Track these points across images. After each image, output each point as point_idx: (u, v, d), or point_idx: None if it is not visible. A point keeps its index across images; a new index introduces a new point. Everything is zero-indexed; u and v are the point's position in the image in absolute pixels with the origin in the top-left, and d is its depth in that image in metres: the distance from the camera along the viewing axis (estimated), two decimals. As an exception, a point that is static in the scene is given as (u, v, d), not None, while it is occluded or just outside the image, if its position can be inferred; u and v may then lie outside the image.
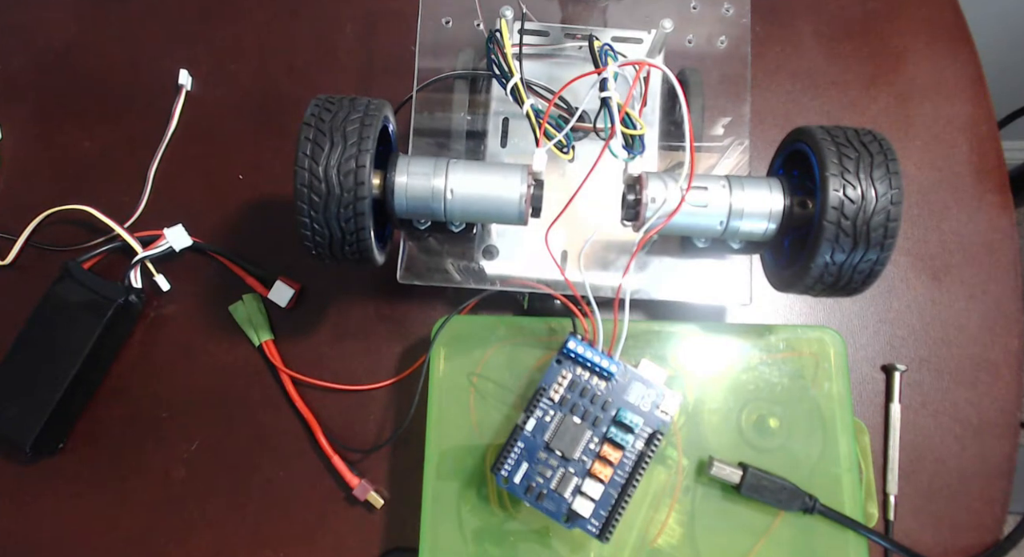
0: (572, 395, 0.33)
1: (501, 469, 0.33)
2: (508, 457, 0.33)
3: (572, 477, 0.33)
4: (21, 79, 0.54)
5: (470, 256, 0.44)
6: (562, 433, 0.33)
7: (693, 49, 0.48)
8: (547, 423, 0.33)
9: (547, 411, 0.33)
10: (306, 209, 0.34)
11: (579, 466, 0.33)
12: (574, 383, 0.33)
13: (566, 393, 0.33)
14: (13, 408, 0.45)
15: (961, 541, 0.46)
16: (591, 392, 0.33)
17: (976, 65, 0.55)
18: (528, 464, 0.33)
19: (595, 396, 0.33)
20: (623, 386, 0.34)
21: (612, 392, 0.34)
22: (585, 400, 0.33)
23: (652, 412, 0.34)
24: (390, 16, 0.55)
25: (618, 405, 0.33)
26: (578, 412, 0.33)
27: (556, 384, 0.33)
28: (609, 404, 0.33)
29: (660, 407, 0.33)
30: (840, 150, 0.34)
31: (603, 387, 0.33)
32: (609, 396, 0.34)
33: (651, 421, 0.34)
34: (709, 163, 0.47)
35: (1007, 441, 0.48)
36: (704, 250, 0.41)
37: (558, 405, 0.33)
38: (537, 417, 0.33)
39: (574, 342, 0.33)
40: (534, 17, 0.45)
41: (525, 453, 0.33)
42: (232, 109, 0.54)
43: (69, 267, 0.47)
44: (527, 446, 0.33)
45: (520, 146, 0.45)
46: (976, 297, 0.50)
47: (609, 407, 0.33)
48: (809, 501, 0.40)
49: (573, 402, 0.33)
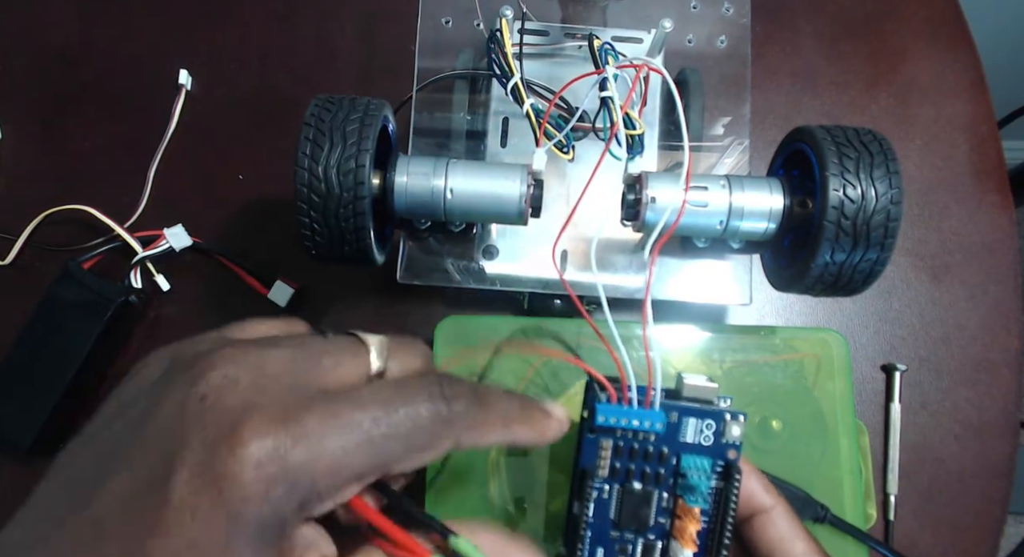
0: (622, 462, 0.28)
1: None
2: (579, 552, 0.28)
3: (655, 542, 0.28)
4: (21, 79, 0.54)
5: (470, 256, 0.44)
6: (627, 507, 0.28)
7: (693, 49, 0.48)
8: (607, 500, 0.28)
9: (602, 489, 0.28)
10: (306, 209, 0.34)
11: (658, 530, 0.28)
12: (618, 449, 0.28)
13: (614, 463, 0.28)
14: (13, 408, 0.45)
15: (961, 541, 0.46)
16: (641, 451, 0.28)
17: (976, 65, 0.55)
18: (603, 548, 0.29)
19: (647, 453, 0.28)
20: (675, 429, 0.28)
21: (665, 441, 0.28)
22: (638, 462, 0.28)
23: (718, 443, 0.28)
24: (390, 16, 0.55)
25: (676, 453, 0.28)
26: (635, 476, 0.28)
27: (599, 459, 0.28)
28: (666, 455, 0.28)
29: (725, 435, 0.28)
30: (840, 150, 0.34)
31: (653, 440, 0.28)
32: (664, 447, 0.28)
33: (719, 453, 0.28)
34: (709, 163, 0.47)
35: (1007, 441, 0.48)
36: (704, 250, 0.41)
37: (611, 479, 0.28)
38: (594, 499, 0.28)
39: (604, 412, 0.27)
40: (534, 17, 0.45)
41: (596, 539, 0.28)
42: (232, 109, 0.54)
43: (69, 267, 0.47)
44: (595, 533, 0.28)
45: (520, 146, 0.45)
46: (976, 297, 0.50)
47: (667, 458, 0.28)
48: (821, 510, 0.40)
49: (625, 468, 0.28)
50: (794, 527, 0.27)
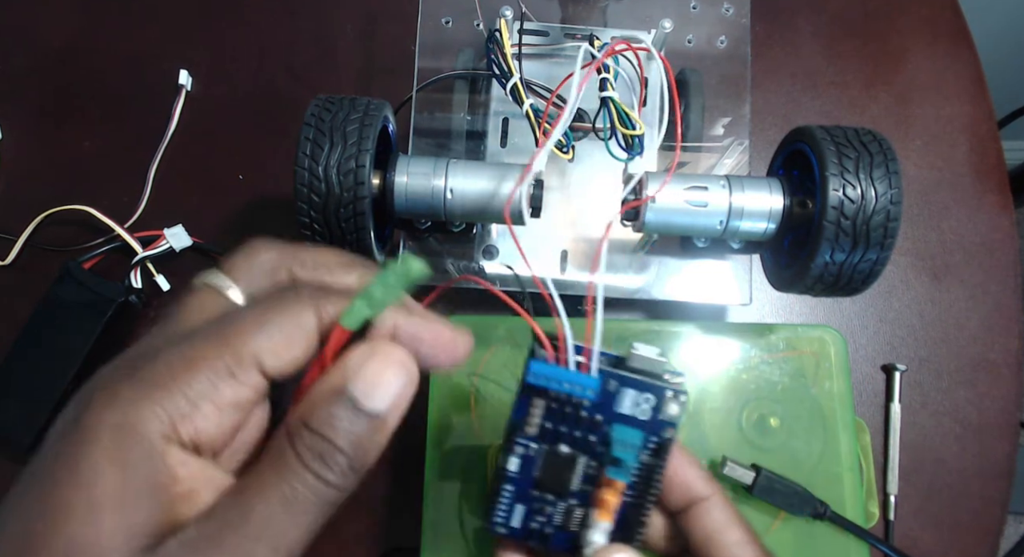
0: (552, 424, 0.27)
1: (494, 518, 0.27)
2: (499, 504, 0.27)
3: (576, 508, 0.27)
4: (21, 79, 0.54)
5: (470, 256, 0.44)
6: (550, 469, 0.27)
7: (693, 49, 0.48)
8: (533, 459, 0.27)
9: (528, 446, 0.27)
10: (306, 209, 0.34)
11: (582, 497, 0.27)
12: (550, 411, 0.27)
13: (544, 423, 0.27)
14: (13, 408, 0.45)
15: (961, 541, 0.46)
16: (573, 415, 0.27)
17: (976, 65, 0.55)
18: (524, 505, 0.28)
19: (579, 418, 0.27)
20: (612, 398, 0.27)
21: (600, 409, 0.27)
22: (569, 425, 0.27)
23: (655, 419, 0.27)
24: (390, 16, 0.55)
25: (609, 422, 0.27)
26: (564, 440, 0.27)
27: (528, 417, 0.27)
28: (599, 423, 0.27)
29: (662, 411, 0.26)
30: (840, 150, 0.34)
31: (587, 406, 0.27)
32: (598, 414, 0.27)
33: (654, 429, 0.27)
34: (709, 163, 0.47)
35: (1007, 441, 0.48)
36: (704, 250, 0.41)
37: (538, 438, 0.27)
38: (519, 454, 0.27)
39: (536, 370, 0.26)
40: (534, 17, 0.45)
41: (517, 495, 0.28)
42: (232, 109, 0.54)
43: (69, 267, 0.47)
44: (517, 488, 0.27)
45: (520, 146, 0.45)
46: (976, 297, 0.50)
47: (600, 427, 0.27)
48: (820, 507, 0.40)
49: (555, 431, 0.27)
50: (730, 516, 0.27)
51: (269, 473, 0.19)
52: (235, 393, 0.20)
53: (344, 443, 0.20)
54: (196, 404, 0.19)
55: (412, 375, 0.21)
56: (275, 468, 0.19)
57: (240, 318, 0.21)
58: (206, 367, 0.20)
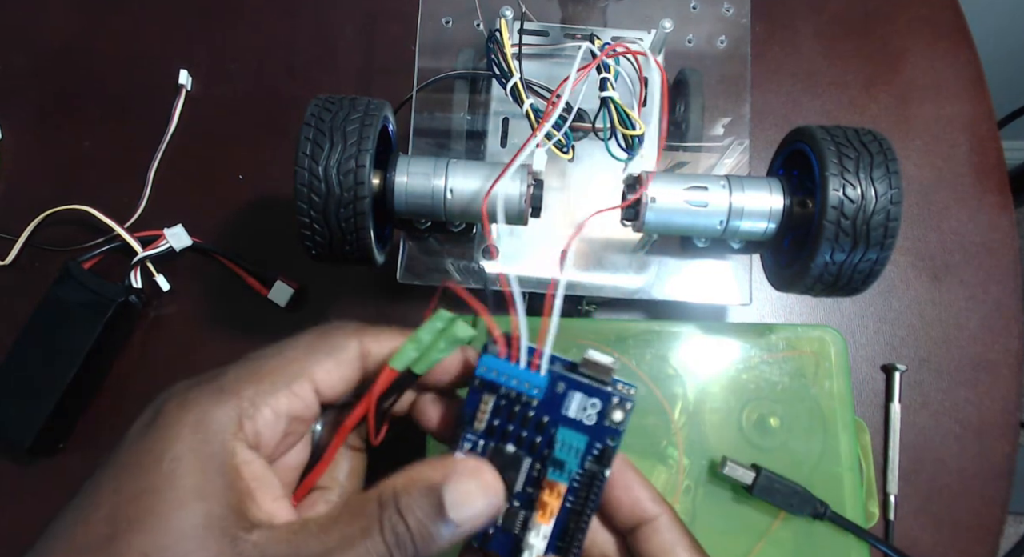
0: (500, 421, 0.27)
1: None
2: None
3: (519, 510, 0.27)
4: (21, 79, 0.54)
5: (470, 256, 0.44)
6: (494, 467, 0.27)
7: (693, 49, 0.48)
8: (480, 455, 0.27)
9: (476, 443, 0.27)
10: (306, 209, 0.34)
11: (525, 499, 0.27)
12: (499, 408, 0.27)
13: (492, 420, 0.27)
14: (13, 408, 0.45)
15: (961, 541, 0.46)
16: (520, 414, 0.27)
17: (976, 65, 0.55)
18: None
19: (526, 418, 0.27)
20: (559, 400, 0.27)
21: (547, 410, 0.27)
22: (516, 425, 0.27)
23: (600, 425, 0.27)
24: (390, 16, 0.55)
25: (555, 424, 0.27)
26: (510, 438, 0.27)
27: (479, 412, 0.27)
28: (544, 425, 0.27)
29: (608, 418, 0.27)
30: (840, 150, 0.34)
31: (534, 406, 0.27)
32: (544, 415, 0.27)
33: (599, 436, 0.27)
34: (709, 163, 0.47)
35: (1007, 441, 0.48)
36: (704, 250, 0.41)
37: (486, 434, 0.27)
38: (466, 450, 0.27)
39: (486, 364, 0.26)
40: (534, 17, 0.45)
41: None
42: (232, 109, 0.54)
43: (69, 267, 0.47)
44: None
45: (520, 146, 0.45)
46: (976, 297, 0.50)
47: (545, 428, 0.27)
48: (820, 507, 0.40)
49: (502, 429, 0.27)
50: (678, 535, 0.26)
51: (354, 528, 0.22)
52: (290, 403, 0.24)
53: (417, 535, 0.22)
54: (258, 406, 0.23)
55: (498, 501, 0.25)
56: (361, 527, 0.22)
57: (296, 344, 0.26)
58: (268, 378, 0.24)
